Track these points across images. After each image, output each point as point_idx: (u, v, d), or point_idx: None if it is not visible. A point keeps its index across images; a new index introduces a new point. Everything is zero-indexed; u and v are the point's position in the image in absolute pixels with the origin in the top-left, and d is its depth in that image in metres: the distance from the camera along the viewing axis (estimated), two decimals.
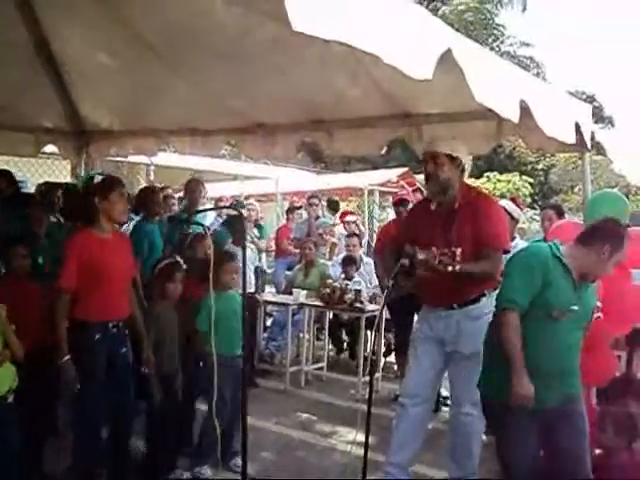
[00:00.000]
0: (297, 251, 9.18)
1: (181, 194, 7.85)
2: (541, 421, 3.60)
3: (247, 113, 6.25)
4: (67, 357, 4.07)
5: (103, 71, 6.21)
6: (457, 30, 3.39)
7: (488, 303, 4.15)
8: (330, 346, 8.34)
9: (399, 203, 7.04)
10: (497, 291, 3.81)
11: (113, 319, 4.30)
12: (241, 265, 3.98)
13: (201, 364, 4.76)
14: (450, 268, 3.87)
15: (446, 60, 2.89)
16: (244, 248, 3.89)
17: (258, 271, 8.28)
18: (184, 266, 4.92)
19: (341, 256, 8.71)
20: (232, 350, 4.75)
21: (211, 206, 7.46)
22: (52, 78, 6.65)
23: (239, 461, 4.89)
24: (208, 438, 4.70)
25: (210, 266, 3.88)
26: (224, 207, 6.20)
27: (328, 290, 7.36)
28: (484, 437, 4.66)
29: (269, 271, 10.10)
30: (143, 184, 10.57)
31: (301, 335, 7.99)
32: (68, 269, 4.13)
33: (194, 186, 6.97)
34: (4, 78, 6.25)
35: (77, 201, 5.72)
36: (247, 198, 12.88)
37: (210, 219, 8.12)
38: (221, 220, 7.58)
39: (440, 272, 3.96)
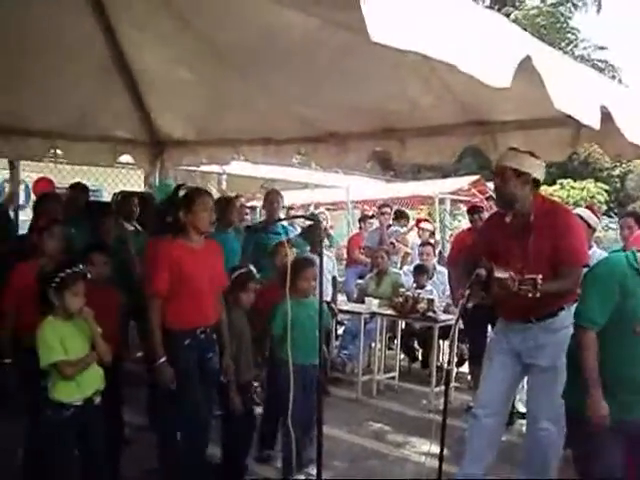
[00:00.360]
0: (369, 260, 9.15)
1: (252, 203, 7.93)
2: (625, 434, 3.50)
3: (319, 122, 6.28)
4: (163, 359, 4.17)
5: (178, 82, 6.35)
6: (530, 35, 3.32)
7: (567, 315, 4.03)
8: (402, 355, 8.26)
9: (473, 211, 6.95)
10: (576, 304, 3.72)
11: (201, 326, 4.36)
12: (318, 273, 3.99)
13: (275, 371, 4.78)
14: (530, 295, 3.74)
15: (525, 67, 2.83)
16: (321, 256, 3.89)
17: (335, 280, 8.29)
18: (257, 275, 4.95)
19: (413, 265, 8.65)
20: (307, 358, 4.71)
21: (286, 215, 7.50)
22: (129, 90, 6.84)
23: (312, 469, 4.94)
24: (284, 446, 4.72)
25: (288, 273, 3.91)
26: (300, 216, 6.23)
27: (400, 299, 7.31)
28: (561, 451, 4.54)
29: (340, 280, 10.09)
30: (215, 193, 10.71)
31: (373, 344, 7.94)
32: (159, 276, 4.23)
33: (273, 197, 7.02)
34: (83, 90, 6.47)
35: (155, 211, 5.85)
36: (317, 206, 12.93)
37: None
38: (293, 228, 7.61)
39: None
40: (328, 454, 4.53)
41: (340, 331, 8.61)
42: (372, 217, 10.84)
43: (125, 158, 8.23)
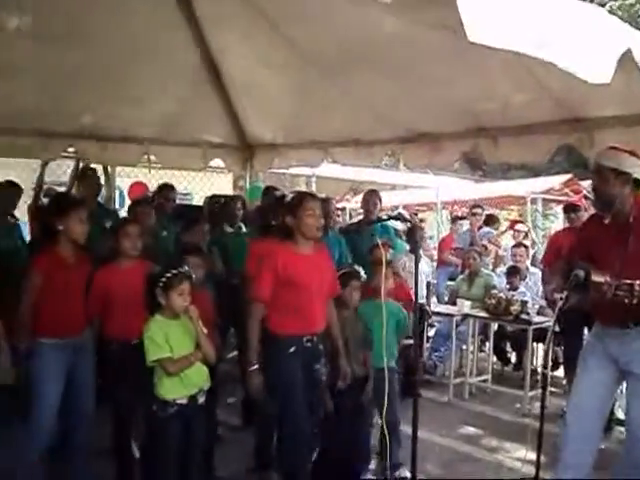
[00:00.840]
0: (459, 261, 9.05)
1: (341, 204, 7.95)
2: None
3: (410, 123, 6.23)
4: (255, 366, 4.14)
5: (267, 86, 6.43)
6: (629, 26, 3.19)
7: None
8: (494, 358, 8.12)
9: (570, 209, 6.79)
10: None
11: (307, 334, 4.27)
12: (412, 273, 3.97)
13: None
14: (627, 301, 3.61)
15: (625, 61, 2.74)
16: (418, 258, 3.87)
17: (429, 283, 8.24)
18: (362, 274, 4.94)
19: (506, 266, 8.50)
20: (379, 361, 4.70)
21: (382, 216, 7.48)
22: (219, 95, 6.97)
23: (402, 472, 4.93)
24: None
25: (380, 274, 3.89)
26: (396, 217, 6.19)
27: (493, 301, 7.18)
28: None
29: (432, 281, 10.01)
30: None
31: (464, 346, 7.84)
32: (263, 281, 4.20)
33: (371, 197, 7.01)
34: (175, 96, 6.62)
35: (256, 214, 5.93)
36: (406, 208, 12.85)
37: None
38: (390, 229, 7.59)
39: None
40: (420, 457, 4.49)
41: (431, 333, 8.53)
42: (462, 218, 10.73)
43: (215, 162, 8.34)
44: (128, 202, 10.39)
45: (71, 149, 7.12)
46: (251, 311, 4.24)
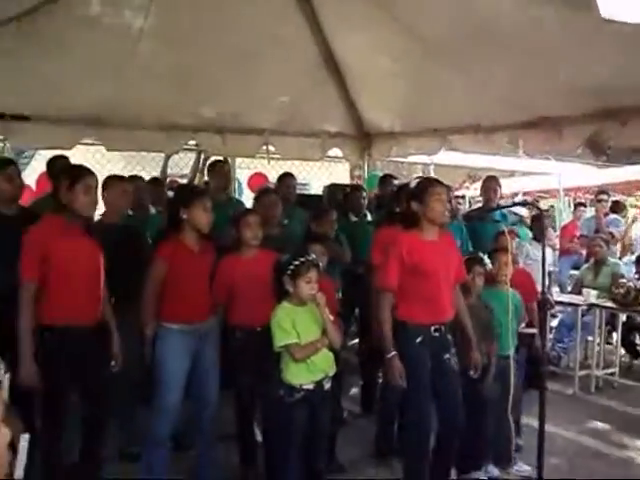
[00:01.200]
0: (584, 249, 8.73)
1: (460, 192, 7.82)
2: None
3: (532, 107, 6.01)
4: (393, 353, 4.14)
5: (384, 74, 6.38)
6: None
7: None
8: (622, 350, 7.79)
9: None
10: None
11: (436, 323, 4.22)
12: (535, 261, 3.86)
13: None
14: None
15: None
16: (544, 246, 3.75)
17: (552, 273, 8.02)
18: (487, 261, 4.85)
19: (635, 255, 8.14)
20: (502, 349, 4.66)
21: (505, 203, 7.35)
22: (336, 84, 6.96)
23: (523, 466, 4.82)
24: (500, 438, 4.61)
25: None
26: (520, 204, 6.05)
27: (622, 290, 6.89)
28: None
29: (553, 269, 9.72)
30: None
31: (590, 338, 7.57)
32: (390, 269, 4.20)
33: (490, 184, 6.91)
34: (294, 86, 6.68)
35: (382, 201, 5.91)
36: (526, 195, 12.53)
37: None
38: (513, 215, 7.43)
39: None
40: (545, 452, 4.38)
41: (553, 323, 8.27)
42: (584, 205, 10.36)
43: (333, 152, 8.36)
44: (247, 193, 10.65)
45: (192, 142, 7.31)
46: (380, 300, 4.24)
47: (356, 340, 6.64)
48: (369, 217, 6.99)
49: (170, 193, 7.01)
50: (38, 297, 3.79)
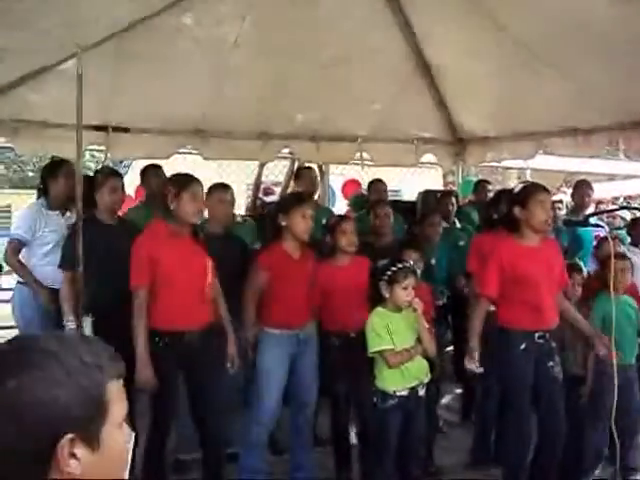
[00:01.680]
0: None
1: (558, 197, 7.64)
2: None
3: (632, 108, 5.83)
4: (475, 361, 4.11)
5: (477, 77, 6.31)
6: None
7: None
8: None
9: None
10: None
11: (540, 330, 4.15)
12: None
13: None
14: None
15: None
16: None
17: None
18: (584, 268, 4.72)
19: None
20: (624, 358, 4.48)
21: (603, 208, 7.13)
22: (428, 87, 6.92)
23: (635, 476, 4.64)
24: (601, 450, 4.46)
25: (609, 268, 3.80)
26: (613, 210, 5.86)
27: None
28: None
29: None
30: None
31: None
32: (489, 277, 4.16)
33: (582, 189, 6.72)
34: (387, 93, 6.68)
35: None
36: (627, 199, 12.14)
37: None
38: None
39: None
40: None
41: None
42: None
43: (426, 157, 8.30)
44: (340, 200, 10.69)
45: (286, 150, 7.39)
46: (476, 307, 4.20)
47: (451, 347, 6.55)
48: (457, 224, 6.89)
49: (266, 199, 7.13)
50: (148, 302, 3.93)
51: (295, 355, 4.38)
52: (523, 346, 4.08)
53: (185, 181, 4.05)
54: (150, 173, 5.89)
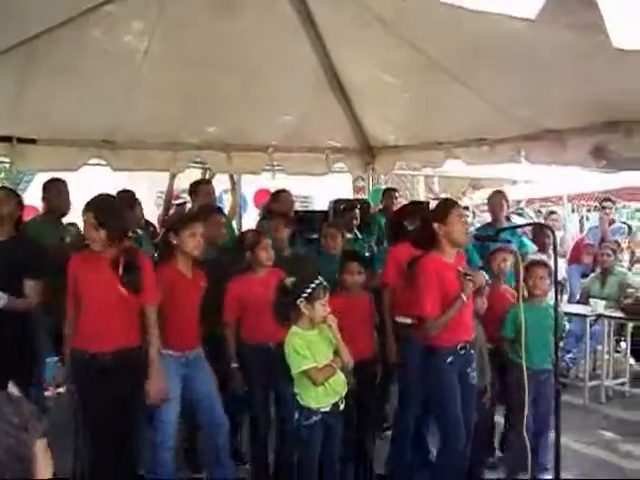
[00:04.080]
0: (591, 258, 8.71)
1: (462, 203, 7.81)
2: None
3: (535, 120, 6.05)
4: None
5: (387, 89, 6.41)
6: None
7: None
8: (632, 360, 7.76)
9: None
10: None
11: (461, 341, 4.27)
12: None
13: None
14: None
15: None
16: (556, 261, 3.78)
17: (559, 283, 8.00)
18: (488, 279, 4.87)
19: None
20: (540, 363, 4.68)
21: (512, 222, 7.30)
22: (340, 100, 7.00)
23: (546, 477, 4.81)
24: (517, 452, 4.60)
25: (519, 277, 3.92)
26: (528, 225, 6.05)
27: (630, 300, 6.88)
28: None
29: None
30: (424, 195, 10.72)
31: (599, 347, 7.55)
32: (431, 298, 4.17)
33: (497, 199, 6.85)
34: (299, 103, 6.73)
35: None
36: (529, 203, 12.54)
37: None
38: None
39: None
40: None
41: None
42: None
43: (338, 166, 8.38)
44: (254, 209, 10.66)
45: (199, 159, 7.34)
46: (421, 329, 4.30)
47: None
48: (359, 235, 6.97)
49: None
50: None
51: (187, 377, 4.34)
52: (450, 359, 4.20)
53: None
54: (52, 187, 5.70)
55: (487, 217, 8.22)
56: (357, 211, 6.99)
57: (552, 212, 9.63)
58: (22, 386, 3.06)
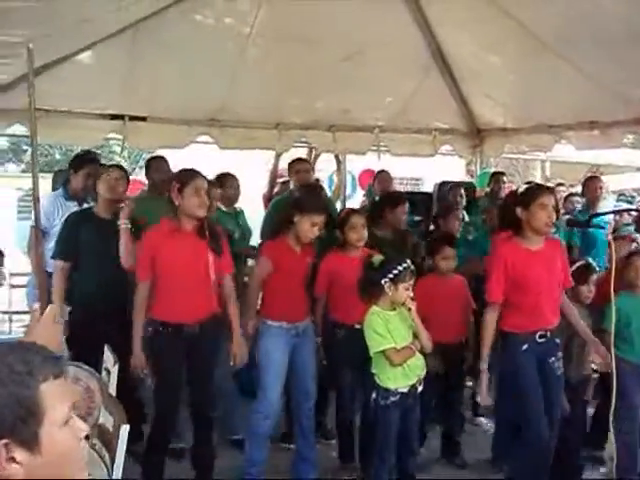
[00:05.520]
0: None
1: (577, 189, 7.57)
2: None
3: None
4: (485, 367, 4.15)
5: (495, 69, 6.31)
6: None
7: None
8: None
9: None
10: None
11: (539, 330, 4.11)
12: None
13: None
14: None
15: None
16: None
17: None
18: (597, 268, 4.68)
19: None
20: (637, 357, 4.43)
21: (611, 205, 7.03)
22: (447, 80, 6.92)
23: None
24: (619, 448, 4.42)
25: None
26: (625, 210, 5.77)
27: None
28: None
29: None
30: (539, 180, 10.40)
31: None
32: (494, 282, 4.12)
33: (593, 184, 6.64)
34: (405, 83, 6.70)
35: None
36: None
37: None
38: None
39: None
40: None
41: None
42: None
43: (446, 148, 8.27)
44: (359, 189, 10.66)
45: (304, 139, 7.41)
46: (488, 312, 4.18)
47: None
48: (466, 217, 6.77)
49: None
50: (151, 295, 4.05)
51: (294, 346, 4.42)
52: (525, 347, 4.08)
53: (188, 176, 4.09)
54: (154, 164, 5.89)
55: None
56: (463, 192, 6.87)
57: None
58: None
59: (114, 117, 6.27)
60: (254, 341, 4.43)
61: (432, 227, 6.54)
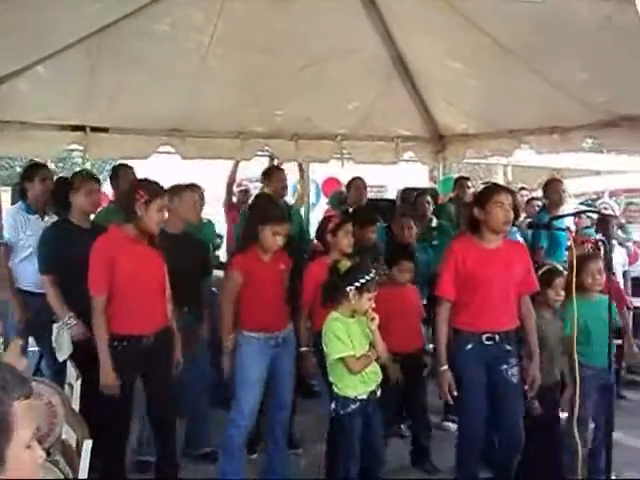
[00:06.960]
0: None
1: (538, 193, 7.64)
2: None
3: (610, 106, 5.83)
4: (445, 367, 4.16)
5: (455, 76, 6.30)
6: None
7: None
8: None
9: None
10: None
11: (487, 331, 4.12)
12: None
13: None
14: None
15: None
16: (609, 251, 3.66)
17: (627, 275, 7.74)
18: (564, 272, 4.68)
19: None
20: (597, 361, 4.38)
21: (572, 209, 7.11)
22: (408, 87, 6.93)
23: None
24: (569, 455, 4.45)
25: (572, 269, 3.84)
26: (585, 211, 5.85)
27: None
28: None
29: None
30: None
31: None
32: (445, 278, 4.17)
33: (554, 186, 6.70)
34: (366, 91, 6.69)
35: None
36: (613, 194, 12.17)
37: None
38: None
39: None
40: (626, 464, 4.23)
41: None
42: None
43: (409, 154, 8.30)
44: (323, 197, 10.67)
45: (266, 148, 7.39)
46: (439, 310, 4.20)
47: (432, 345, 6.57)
48: (434, 222, 6.90)
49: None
50: (107, 307, 3.98)
51: (273, 356, 4.39)
52: (469, 346, 4.10)
53: (157, 191, 4.06)
54: (121, 173, 5.86)
55: None
56: (429, 197, 6.93)
57: (630, 203, 9.24)
58: None
59: (75, 128, 6.21)
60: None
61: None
